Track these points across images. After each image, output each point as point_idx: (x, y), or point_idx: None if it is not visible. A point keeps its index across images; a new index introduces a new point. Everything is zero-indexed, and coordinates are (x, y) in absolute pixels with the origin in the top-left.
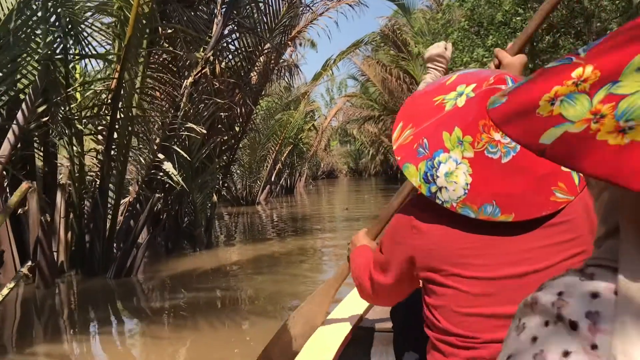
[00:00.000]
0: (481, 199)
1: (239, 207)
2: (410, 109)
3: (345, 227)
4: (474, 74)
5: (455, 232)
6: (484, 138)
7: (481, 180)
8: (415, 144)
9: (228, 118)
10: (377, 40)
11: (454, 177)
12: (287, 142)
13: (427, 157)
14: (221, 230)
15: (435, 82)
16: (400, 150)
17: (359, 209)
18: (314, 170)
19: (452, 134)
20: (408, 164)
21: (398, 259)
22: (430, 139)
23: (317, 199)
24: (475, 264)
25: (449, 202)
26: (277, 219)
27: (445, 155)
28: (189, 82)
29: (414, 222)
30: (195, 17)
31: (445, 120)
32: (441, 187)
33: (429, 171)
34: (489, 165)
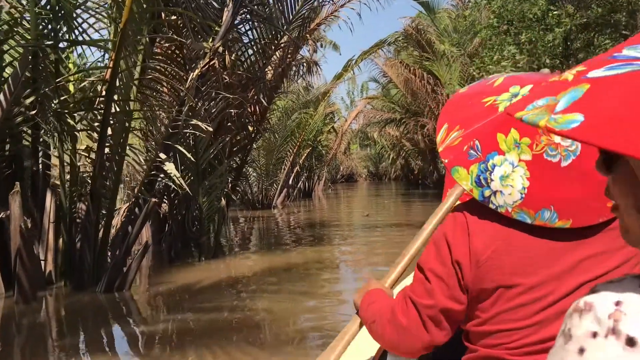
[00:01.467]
0: (539, 203)
1: (255, 210)
2: (455, 110)
3: (364, 236)
4: (525, 76)
5: (513, 239)
6: (544, 140)
7: (539, 184)
8: (465, 145)
9: (239, 116)
10: (400, 40)
11: (510, 180)
12: (305, 144)
13: (480, 160)
14: (234, 236)
15: (477, 84)
16: (448, 152)
17: (380, 216)
18: (333, 174)
19: (507, 135)
20: (458, 167)
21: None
22: (483, 141)
23: (335, 203)
24: (535, 273)
25: (504, 207)
26: (293, 225)
27: (500, 157)
28: (195, 75)
29: (469, 226)
30: (205, 4)
31: (500, 122)
32: (496, 190)
33: (482, 174)
34: (548, 168)
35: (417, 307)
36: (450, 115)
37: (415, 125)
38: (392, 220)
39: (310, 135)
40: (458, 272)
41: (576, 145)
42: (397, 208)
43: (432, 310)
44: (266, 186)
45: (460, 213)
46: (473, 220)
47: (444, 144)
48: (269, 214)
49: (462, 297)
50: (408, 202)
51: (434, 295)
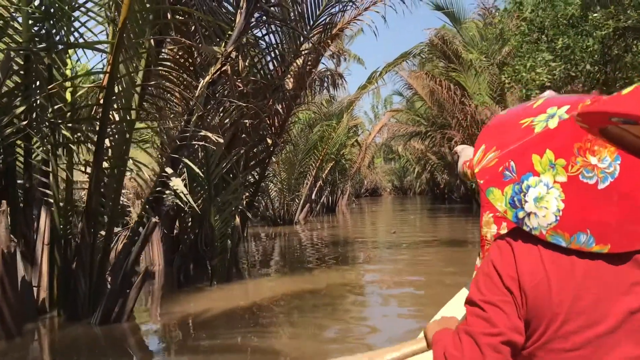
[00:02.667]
0: (574, 226)
1: (276, 227)
2: (494, 131)
3: (390, 254)
4: (563, 98)
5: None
6: (579, 162)
7: (575, 206)
8: (500, 166)
9: (256, 127)
10: (426, 51)
11: (544, 202)
12: (328, 158)
13: (514, 181)
14: (253, 255)
15: (518, 106)
16: (484, 173)
17: (405, 232)
18: (357, 188)
19: (542, 156)
20: (492, 188)
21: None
22: (518, 162)
23: (360, 219)
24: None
25: (538, 229)
26: (316, 242)
27: (535, 179)
28: (206, 82)
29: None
30: (218, 6)
31: (535, 143)
32: (530, 212)
33: (516, 195)
34: (584, 190)
35: (474, 337)
36: (488, 137)
37: (442, 138)
38: (419, 237)
39: (333, 148)
40: (514, 299)
41: (614, 167)
42: (423, 223)
43: (493, 338)
44: (288, 201)
45: (503, 241)
46: (518, 246)
47: (480, 165)
48: (290, 230)
49: (521, 326)
50: (434, 217)
51: (495, 324)
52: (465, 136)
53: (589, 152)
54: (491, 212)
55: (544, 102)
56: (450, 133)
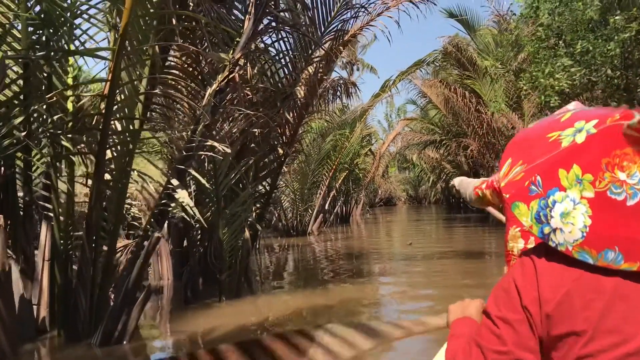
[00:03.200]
0: (601, 243)
1: (289, 238)
2: (521, 144)
3: (406, 267)
4: (592, 110)
5: (583, 281)
6: (607, 177)
7: (602, 223)
8: (526, 181)
9: (265, 137)
10: (440, 59)
11: (570, 217)
12: (341, 167)
13: (541, 196)
14: (265, 268)
15: (545, 119)
16: (510, 187)
17: (421, 243)
18: (371, 198)
19: (569, 171)
20: (518, 203)
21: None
22: (544, 177)
23: (374, 229)
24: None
25: (564, 245)
26: (330, 254)
27: (561, 194)
28: (213, 90)
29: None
30: (227, 14)
31: (562, 157)
32: (556, 228)
33: (542, 210)
34: (612, 207)
35: (483, 352)
36: (514, 150)
37: (458, 147)
38: (435, 248)
39: (346, 158)
40: (529, 318)
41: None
42: (439, 234)
43: (501, 357)
44: (301, 212)
45: (527, 257)
46: (541, 264)
47: (506, 179)
48: (304, 242)
49: (534, 346)
50: (450, 227)
51: (505, 342)
52: (481, 144)
53: (618, 167)
54: (518, 227)
55: (572, 115)
56: (465, 141)
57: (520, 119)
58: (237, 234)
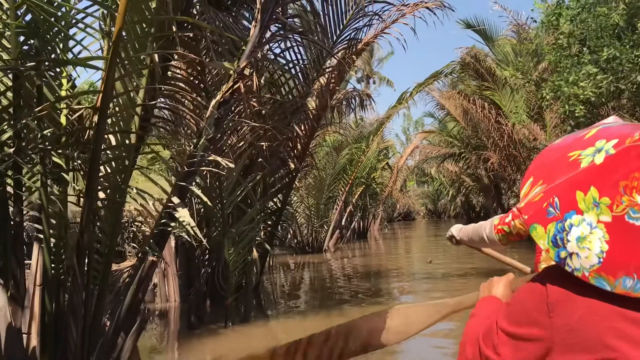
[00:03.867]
0: (619, 269)
1: (305, 255)
2: (542, 163)
3: (427, 286)
4: (616, 128)
5: (597, 309)
6: (625, 201)
7: (620, 248)
8: (545, 202)
9: (274, 152)
10: (457, 70)
11: (586, 242)
12: (358, 182)
13: (558, 219)
14: (278, 289)
15: (571, 134)
16: (529, 208)
17: (441, 260)
18: (390, 212)
19: (587, 194)
20: (536, 225)
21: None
22: (562, 198)
23: (393, 245)
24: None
25: (580, 270)
26: (347, 272)
27: (578, 217)
28: (216, 102)
29: (550, 297)
30: (235, 22)
31: (580, 179)
32: (572, 252)
33: (558, 234)
34: (630, 232)
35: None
36: (536, 168)
37: (477, 159)
38: (455, 266)
39: (363, 172)
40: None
41: None
42: (460, 250)
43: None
44: (316, 228)
45: (539, 284)
46: (554, 290)
47: (526, 199)
48: (320, 259)
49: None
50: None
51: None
52: (502, 157)
53: (636, 191)
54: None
55: (596, 132)
56: (486, 154)
57: (542, 130)
58: (244, 254)
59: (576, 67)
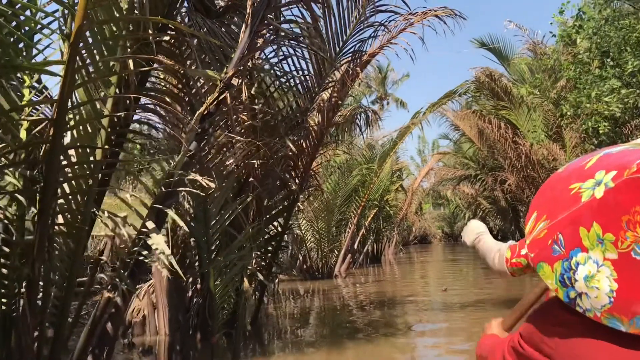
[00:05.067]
0: (632, 309)
1: (314, 280)
2: (545, 196)
3: (444, 317)
4: (617, 156)
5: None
6: (629, 237)
7: (629, 286)
8: (549, 239)
9: (269, 169)
10: (472, 89)
11: (594, 281)
12: (371, 204)
13: (563, 257)
14: (280, 320)
15: (574, 162)
16: (534, 245)
17: (459, 290)
18: (405, 235)
19: (590, 230)
20: (542, 264)
21: None
22: (566, 235)
23: (408, 270)
24: None
25: (592, 311)
26: (358, 301)
27: (583, 255)
28: (199, 114)
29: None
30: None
31: (582, 214)
32: (581, 292)
33: (565, 273)
34: (638, 269)
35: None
36: (540, 201)
37: (494, 181)
38: (473, 295)
39: (376, 194)
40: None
41: None
42: (477, 276)
43: None
44: (326, 252)
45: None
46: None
47: (531, 236)
48: (329, 286)
49: None
50: (488, 268)
51: None
52: (520, 178)
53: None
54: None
55: (596, 161)
56: (502, 175)
57: (562, 150)
58: (233, 284)
59: (598, 82)
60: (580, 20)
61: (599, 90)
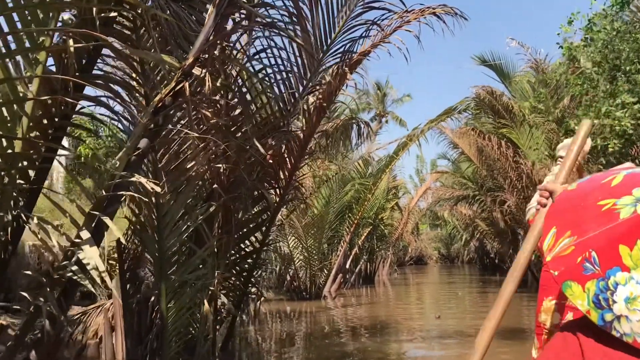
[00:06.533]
0: None
1: (302, 301)
2: (565, 211)
3: (439, 348)
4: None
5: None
6: None
7: None
8: (579, 257)
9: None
10: (472, 107)
11: (638, 304)
12: (365, 222)
13: (599, 276)
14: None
15: (589, 179)
16: (558, 262)
17: (453, 316)
18: (400, 256)
19: (633, 249)
20: (570, 282)
21: None
22: (601, 253)
23: (402, 293)
24: None
25: (631, 336)
26: (348, 326)
27: (624, 275)
28: (152, 105)
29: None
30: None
31: (622, 232)
32: (620, 315)
33: (601, 294)
34: None
35: None
36: (558, 217)
37: (493, 202)
38: (468, 322)
39: (370, 212)
40: None
41: None
42: (473, 301)
43: None
44: (315, 271)
45: (571, 334)
46: (588, 344)
47: (552, 252)
48: (317, 307)
49: None
50: (484, 292)
51: None
52: (520, 199)
53: None
54: (555, 299)
55: (625, 178)
56: (502, 196)
57: None
58: (190, 307)
59: (607, 99)
60: (591, 32)
61: (609, 105)
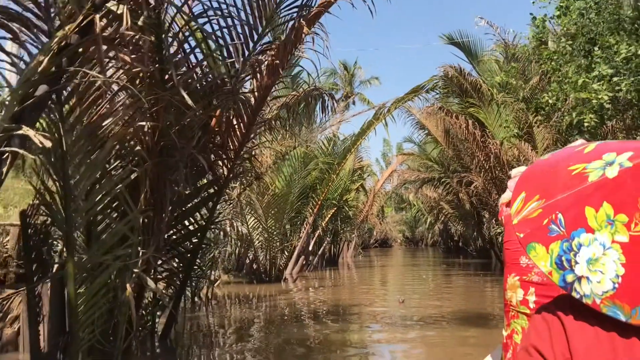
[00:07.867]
0: (636, 297)
1: (261, 284)
2: (535, 176)
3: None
4: (620, 143)
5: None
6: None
7: (637, 272)
8: (545, 219)
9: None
10: (440, 86)
11: (599, 265)
12: (329, 203)
13: (563, 237)
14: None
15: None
16: (524, 225)
17: (418, 300)
18: (366, 238)
19: (599, 210)
20: (535, 244)
21: None
22: (567, 215)
23: (366, 275)
24: None
25: (591, 297)
26: (306, 311)
27: (588, 236)
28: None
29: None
30: None
31: (589, 193)
32: (581, 276)
33: (564, 254)
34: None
35: None
36: (528, 183)
37: (459, 183)
38: (432, 307)
39: (335, 193)
40: None
41: None
42: (437, 284)
43: None
44: (275, 253)
45: (551, 315)
46: (569, 322)
47: (519, 215)
48: (278, 290)
49: None
50: (448, 274)
51: None
52: (487, 180)
53: None
54: (517, 275)
55: (598, 146)
56: (469, 177)
57: (534, 151)
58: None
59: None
60: (567, 1)
61: (587, 78)
